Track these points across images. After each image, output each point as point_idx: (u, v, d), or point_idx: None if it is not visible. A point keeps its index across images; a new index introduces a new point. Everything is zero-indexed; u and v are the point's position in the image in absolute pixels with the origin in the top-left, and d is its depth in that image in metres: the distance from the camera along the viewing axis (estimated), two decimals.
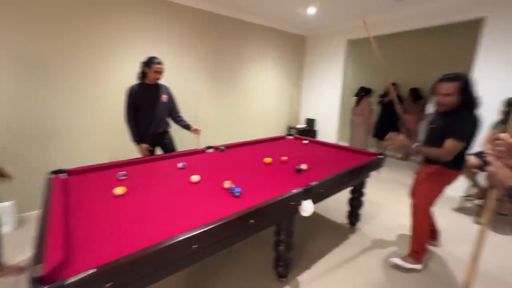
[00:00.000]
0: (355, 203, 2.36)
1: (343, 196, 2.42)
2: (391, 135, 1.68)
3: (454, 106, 1.65)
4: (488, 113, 2.61)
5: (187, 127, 2.63)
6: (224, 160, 2.16)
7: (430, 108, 3.83)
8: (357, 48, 5.70)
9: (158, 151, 2.62)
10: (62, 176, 1.63)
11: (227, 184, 1.54)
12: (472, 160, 2.61)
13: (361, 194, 2.34)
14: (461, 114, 1.62)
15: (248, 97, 4.49)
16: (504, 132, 0.82)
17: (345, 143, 4.91)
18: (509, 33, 2.82)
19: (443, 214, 2.79)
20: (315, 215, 2.70)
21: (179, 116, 2.65)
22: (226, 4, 3.63)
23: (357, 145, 4.38)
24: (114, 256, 0.89)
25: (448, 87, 1.63)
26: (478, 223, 2.67)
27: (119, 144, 3.08)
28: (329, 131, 4.99)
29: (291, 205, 1.45)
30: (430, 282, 1.79)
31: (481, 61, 3.02)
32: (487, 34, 2.95)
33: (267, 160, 2.09)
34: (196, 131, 2.59)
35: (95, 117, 2.92)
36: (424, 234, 1.86)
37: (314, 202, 1.62)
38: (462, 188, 3.09)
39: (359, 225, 2.50)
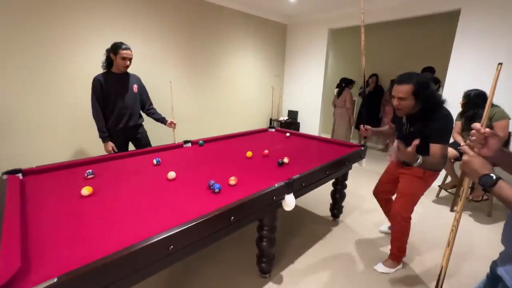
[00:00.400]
0: (338, 195, 2.43)
1: (326, 188, 2.48)
2: (400, 145, 1.51)
3: (415, 109, 1.59)
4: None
5: (161, 120, 2.55)
6: (203, 155, 2.12)
7: None
8: (339, 38, 5.78)
9: (131, 147, 2.52)
10: (18, 176, 1.50)
11: (232, 181, 1.51)
12: (450, 151, 2.77)
13: (343, 186, 2.41)
14: (437, 116, 1.54)
15: (228, 88, 4.42)
16: (470, 123, 0.89)
17: (327, 136, 5.01)
18: (482, 24, 3.00)
19: (423, 204, 2.95)
20: (298, 208, 2.75)
21: (152, 109, 2.56)
22: None
23: (339, 137, 4.50)
24: (79, 263, 0.83)
25: (401, 90, 1.55)
26: (453, 210, 2.86)
27: (87, 139, 2.91)
28: (311, 123, 5.07)
29: (273, 200, 1.46)
30: (410, 268, 1.90)
31: (456, 52, 3.20)
32: (462, 26, 3.12)
33: (248, 154, 2.08)
34: (171, 125, 2.52)
35: (58, 110, 2.73)
36: (406, 239, 1.85)
37: (297, 196, 1.64)
38: (439, 179, 3.28)
39: (342, 217, 2.58)
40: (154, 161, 1.83)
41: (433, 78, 3.56)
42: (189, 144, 2.36)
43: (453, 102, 2.82)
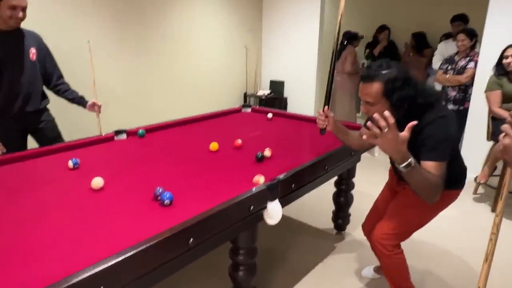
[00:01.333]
0: (343, 199, 2.51)
1: (326, 191, 2.54)
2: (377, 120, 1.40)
3: (396, 115, 1.43)
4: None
5: (78, 101, 2.50)
6: (145, 150, 2.09)
7: (437, 61, 4.21)
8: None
9: (32, 143, 2.44)
10: None
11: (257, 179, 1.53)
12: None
13: (349, 186, 2.49)
14: (428, 121, 1.50)
15: (180, 51, 4.34)
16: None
17: None
18: None
19: (456, 203, 3.14)
20: (287, 221, 2.80)
21: (62, 84, 2.49)
22: None
23: (340, 115, 4.62)
24: None
25: (367, 92, 1.52)
26: (494, 211, 3.08)
27: None
28: (304, 98, 5.15)
29: (250, 210, 1.46)
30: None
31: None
32: None
33: (213, 146, 2.07)
34: (94, 108, 2.48)
35: None
36: (405, 276, 1.84)
37: (285, 203, 1.66)
38: (476, 169, 3.50)
39: (349, 229, 2.67)
40: (70, 164, 1.77)
41: (466, 29, 3.74)
42: (124, 136, 2.31)
43: (494, 62, 3.01)
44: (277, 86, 5.30)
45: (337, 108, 4.77)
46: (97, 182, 1.54)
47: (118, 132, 2.30)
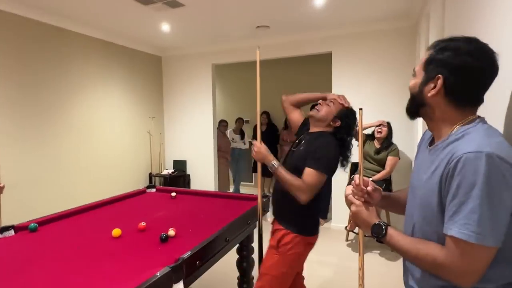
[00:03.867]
0: (245, 264, 2.41)
1: (229, 259, 2.42)
2: (256, 143, 1.75)
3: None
4: None
5: None
6: (37, 247, 1.70)
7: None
8: (224, 74, 6.41)
9: None
10: None
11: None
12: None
13: (250, 251, 2.43)
14: (324, 135, 1.69)
15: (86, 139, 3.98)
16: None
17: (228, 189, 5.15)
18: (349, 64, 4.10)
19: (337, 248, 3.33)
20: None
21: None
22: (48, 8, 3.28)
23: (223, 186, 4.84)
24: None
25: None
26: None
27: None
28: (205, 174, 5.12)
29: None
30: None
31: (335, 87, 4.16)
32: (335, 66, 4.16)
33: (115, 232, 1.82)
34: None
35: None
36: None
37: (190, 281, 1.52)
38: (342, 221, 3.86)
39: None
40: None
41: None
42: (10, 233, 1.86)
43: None
44: (180, 165, 5.19)
45: (220, 180, 5.10)
46: None
47: (3, 229, 1.85)
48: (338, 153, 1.69)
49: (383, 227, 0.90)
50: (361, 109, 1.18)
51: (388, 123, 3.51)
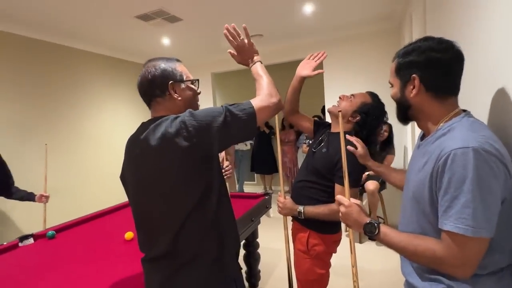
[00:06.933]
0: (252, 259, 2.39)
1: None
2: (279, 199, 1.56)
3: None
4: None
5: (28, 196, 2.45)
6: (53, 254, 1.67)
7: (302, 137, 4.74)
8: (224, 82, 6.39)
9: None
10: None
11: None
12: (371, 184, 3.18)
13: (255, 246, 2.41)
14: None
15: (102, 148, 4.05)
16: None
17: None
18: (340, 66, 4.11)
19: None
20: None
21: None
22: (58, 29, 3.30)
23: (230, 186, 4.86)
24: None
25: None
26: (361, 242, 3.33)
27: None
28: None
29: None
30: None
31: (327, 90, 4.16)
32: (326, 68, 4.16)
33: (128, 235, 1.79)
34: (42, 199, 2.44)
35: None
36: None
37: None
38: None
39: (261, 284, 2.52)
40: None
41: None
42: (29, 241, 1.84)
43: None
44: None
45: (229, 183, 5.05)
46: None
47: (23, 238, 1.83)
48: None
49: (375, 225, 0.87)
50: (339, 111, 1.21)
51: (390, 125, 3.43)
